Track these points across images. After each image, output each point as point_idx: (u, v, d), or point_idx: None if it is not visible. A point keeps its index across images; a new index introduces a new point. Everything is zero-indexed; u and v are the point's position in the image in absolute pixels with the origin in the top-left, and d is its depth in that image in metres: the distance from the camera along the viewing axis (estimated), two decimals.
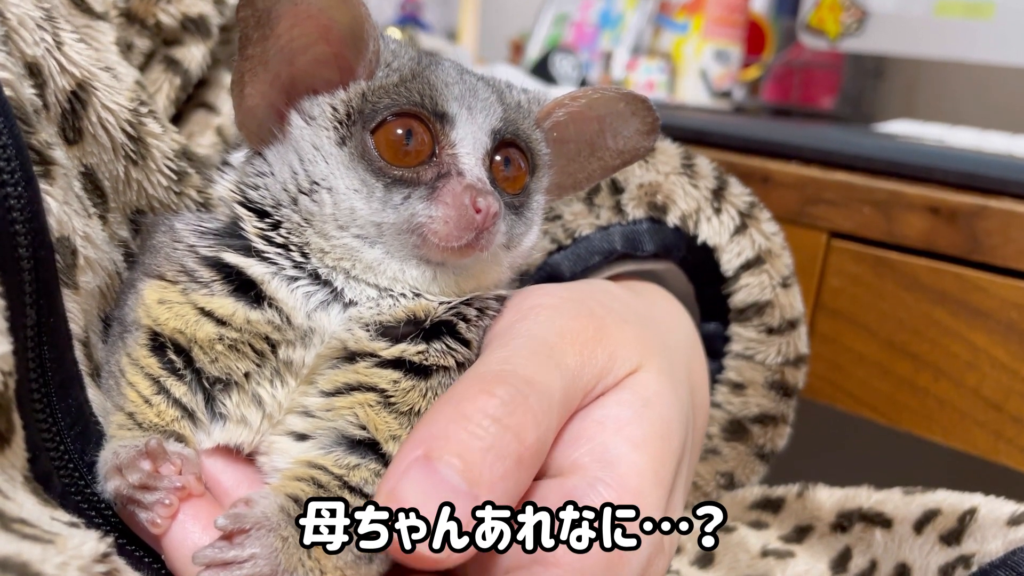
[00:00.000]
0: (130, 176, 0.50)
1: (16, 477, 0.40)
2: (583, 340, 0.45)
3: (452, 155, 0.46)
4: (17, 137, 0.41)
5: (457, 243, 0.45)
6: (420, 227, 0.45)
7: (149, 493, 0.42)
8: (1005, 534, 0.54)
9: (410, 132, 0.45)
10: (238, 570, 0.40)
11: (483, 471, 0.37)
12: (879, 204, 0.81)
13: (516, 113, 0.49)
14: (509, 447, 0.38)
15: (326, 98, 0.47)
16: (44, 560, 0.33)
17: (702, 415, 0.60)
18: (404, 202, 0.45)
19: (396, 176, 0.45)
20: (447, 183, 0.45)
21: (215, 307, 0.45)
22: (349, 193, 0.46)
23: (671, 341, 0.53)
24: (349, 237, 0.46)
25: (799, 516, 0.66)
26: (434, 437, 0.38)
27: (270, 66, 0.46)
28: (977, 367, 0.77)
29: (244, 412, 0.46)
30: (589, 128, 0.52)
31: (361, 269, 0.46)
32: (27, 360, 0.42)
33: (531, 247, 0.51)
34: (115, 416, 0.46)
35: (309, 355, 0.45)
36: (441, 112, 0.46)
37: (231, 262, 0.46)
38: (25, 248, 0.41)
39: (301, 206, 0.47)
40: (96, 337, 0.48)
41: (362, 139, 0.46)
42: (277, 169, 0.47)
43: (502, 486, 0.38)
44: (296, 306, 0.45)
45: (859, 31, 1.18)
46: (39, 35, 0.45)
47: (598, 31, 1.73)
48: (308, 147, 0.46)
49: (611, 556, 0.40)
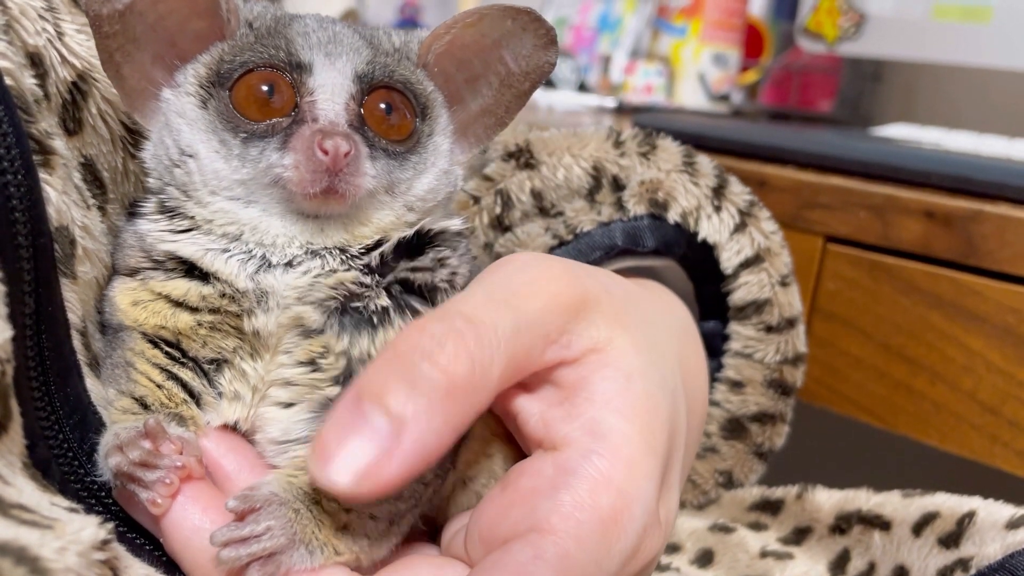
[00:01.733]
0: (128, 167, 0.50)
1: (15, 463, 0.40)
2: (554, 291, 0.44)
3: (310, 102, 0.45)
4: (18, 126, 0.41)
5: (312, 188, 0.44)
6: (279, 178, 0.44)
7: (149, 471, 0.42)
8: (1003, 537, 0.55)
9: (272, 87, 0.45)
10: (256, 543, 0.41)
11: (407, 405, 0.37)
12: (875, 208, 0.81)
13: (390, 57, 0.48)
14: (437, 381, 0.38)
15: (190, 65, 0.47)
16: (42, 544, 0.32)
17: (699, 408, 0.60)
18: (260, 155, 0.45)
19: (252, 130, 0.45)
20: (299, 129, 0.44)
21: (171, 290, 0.46)
22: (211, 155, 0.45)
23: (661, 323, 0.53)
24: (222, 200, 0.46)
25: (798, 518, 0.66)
26: (367, 380, 0.38)
27: (142, 44, 0.46)
28: (973, 371, 0.77)
29: (236, 387, 0.46)
30: (491, 57, 0.51)
31: (249, 232, 0.46)
32: (26, 348, 0.41)
33: (430, 190, 0.49)
34: (120, 401, 0.46)
35: (271, 321, 0.45)
36: (296, 62, 0.45)
37: (164, 249, 0.46)
38: (24, 236, 0.41)
39: (176, 178, 0.46)
40: (94, 327, 0.48)
41: (221, 99, 0.45)
42: (156, 147, 0.47)
43: (426, 418, 0.37)
44: (235, 272, 0.45)
45: (857, 35, 1.18)
46: (40, 25, 0.45)
47: (596, 34, 1.73)
48: (175, 116, 0.46)
49: (606, 522, 0.41)
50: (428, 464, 0.38)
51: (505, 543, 0.41)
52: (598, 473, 0.42)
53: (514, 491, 0.43)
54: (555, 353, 0.44)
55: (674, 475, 0.48)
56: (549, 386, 0.45)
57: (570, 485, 0.41)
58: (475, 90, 0.52)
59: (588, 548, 0.40)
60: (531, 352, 0.43)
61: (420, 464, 0.38)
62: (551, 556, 0.39)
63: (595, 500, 0.41)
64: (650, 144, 0.65)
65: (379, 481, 0.37)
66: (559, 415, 0.44)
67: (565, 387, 0.45)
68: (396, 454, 0.37)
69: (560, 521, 0.40)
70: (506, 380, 0.42)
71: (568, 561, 0.40)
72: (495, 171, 0.65)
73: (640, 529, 0.42)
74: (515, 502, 0.43)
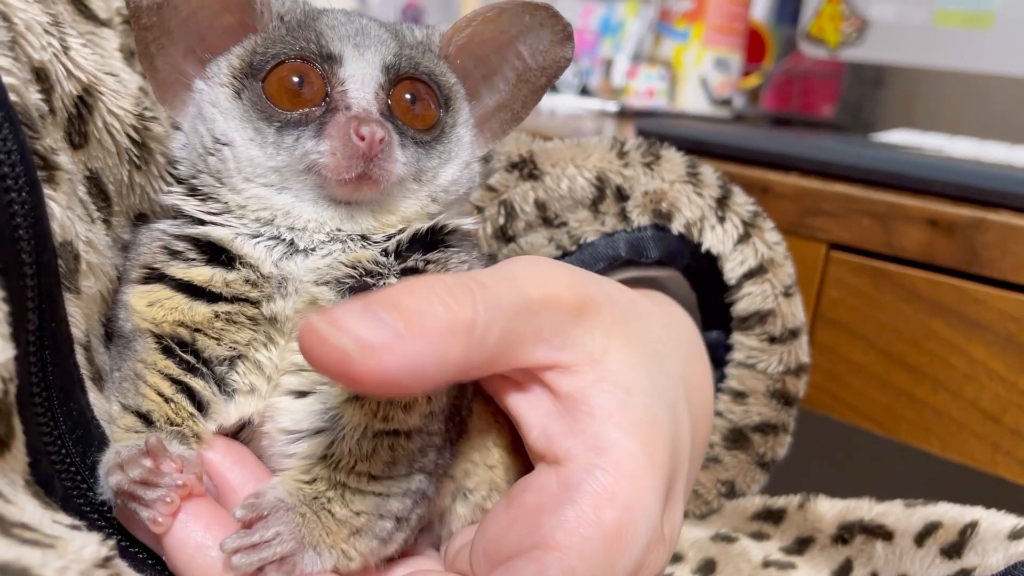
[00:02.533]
0: (133, 180, 0.51)
1: (17, 481, 0.40)
2: (555, 290, 0.44)
3: (342, 92, 0.47)
4: (22, 143, 0.41)
5: (347, 174, 0.45)
6: (314, 164, 0.46)
7: (150, 490, 0.42)
8: (1006, 548, 0.54)
9: (303, 78, 0.46)
10: (267, 549, 0.41)
11: (412, 321, 0.37)
12: (878, 216, 0.81)
13: (415, 49, 0.50)
14: (442, 316, 0.38)
15: (223, 57, 0.48)
16: (44, 565, 0.32)
17: (704, 421, 0.60)
18: (296, 143, 0.46)
19: (287, 119, 0.46)
20: (333, 117, 0.46)
21: (194, 276, 0.46)
22: (246, 143, 0.47)
23: (664, 336, 0.53)
24: (257, 187, 0.47)
25: (800, 527, 0.66)
26: (380, 294, 0.38)
27: (175, 38, 0.47)
28: (975, 379, 0.77)
29: (251, 380, 0.46)
30: (509, 52, 0.52)
31: (282, 217, 0.47)
32: (29, 364, 0.41)
33: (453, 180, 0.51)
34: (123, 419, 0.46)
35: (288, 306, 0.46)
36: (327, 53, 0.47)
37: (193, 233, 0.47)
38: (28, 253, 0.41)
39: (210, 166, 0.48)
40: (97, 341, 0.48)
41: (255, 90, 0.47)
42: (190, 136, 0.49)
43: (426, 340, 0.37)
44: (262, 257, 0.46)
45: (859, 40, 1.18)
46: (46, 40, 0.45)
47: (599, 38, 1.73)
48: (208, 107, 0.48)
49: (611, 538, 0.41)
50: (417, 383, 0.38)
51: (510, 559, 0.41)
52: (602, 488, 0.42)
53: (519, 507, 0.43)
54: (547, 354, 0.44)
55: (678, 490, 0.48)
56: (544, 391, 0.45)
57: (574, 501, 0.42)
58: (492, 85, 0.53)
59: (593, 564, 0.41)
60: (523, 339, 0.43)
61: (411, 377, 0.37)
62: (556, 572, 0.40)
63: (599, 515, 0.41)
64: (654, 154, 0.65)
65: (376, 363, 0.36)
66: (561, 429, 0.44)
67: (562, 397, 0.45)
68: (397, 350, 0.36)
69: (564, 537, 0.40)
70: (499, 354, 0.42)
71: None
72: (499, 181, 0.65)
73: (645, 544, 0.42)
74: (519, 518, 0.43)
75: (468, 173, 0.52)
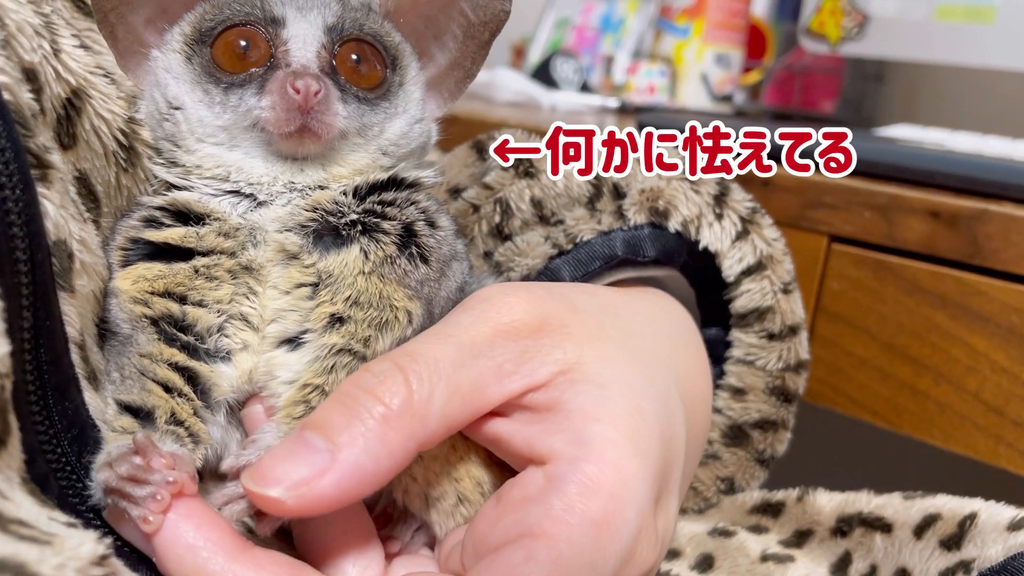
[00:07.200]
0: (120, 183, 0.51)
1: (13, 478, 0.40)
2: (505, 323, 0.46)
3: (284, 51, 0.49)
4: (15, 140, 0.41)
5: (287, 127, 0.47)
6: (258, 120, 0.48)
7: (139, 487, 0.41)
8: (1005, 539, 0.54)
9: (249, 41, 0.49)
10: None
11: (343, 432, 0.41)
12: (880, 208, 0.81)
13: (359, 12, 0.52)
14: (374, 410, 0.41)
15: (176, 25, 0.51)
16: (41, 561, 0.33)
17: (701, 415, 0.60)
18: (240, 101, 0.48)
19: (233, 81, 0.48)
20: (273, 74, 0.48)
21: (168, 236, 0.48)
22: (195, 104, 0.49)
23: (647, 332, 0.53)
24: (208, 146, 0.49)
25: (799, 520, 0.66)
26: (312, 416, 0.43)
27: (135, 6, 0.49)
28: (977, 371, 0.76)
29: (243, 337, 0.48)
30: (454, 11, 0.53)
31: (236, 173, 0.49)
32: (24, 363, 0.41)
33: (402, 135, 0.52)
34: (120, 421, 0.45)
35: (260, 254, 0.48)
36: (271, 17, 0.49)
37: (162, 203, 0.49)
38: (22, 251, 0.41)
39: (166, 130, 0.50)
40: (92, 341, 0.48)
41: (204, 55, 0.49)
42: (148, 104, 0.51)
43: (363, 442, 0.41)
44: (227, 211, 0.49)
45: (860, 35, 1.18)
46: (37, 42, 0.45)
47: (599, 35, 1.73)
48: (163, 73, 0.50)
49: (599, 525, 0.41)
50: (365, 486, 0.41)
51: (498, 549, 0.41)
52: (587, 478, 0.42)
53: (506, 502, 0.44)
54: (518, 383, 0.45)
55: (673, 483, 0.48)
56: (523, 411, 0.46)
57: (560, 491, 0.42)
58: (443, 44, 0.55)
59: (581, 550, 0.41)
60: (479, 384, 0.44)
61: (356, 484, 0.41)
62: (543, 558, 0.40)
63: (585, 504, 0.42)
64: None
65: (312, 495, 0.40)
66: (539, 431, 0.45)
67: (539, 409, 0.45)
68: (330, 472, 0.40)
69: (552, 525, 0.41)
70: (455, 411, 0.44)
71: (561, 563, 0.40)
72: (495, 180, 0.65)
73: (635, 531, 0.42)
74: (507, 511, 0.43)
75: (419, 128, 0.54)
